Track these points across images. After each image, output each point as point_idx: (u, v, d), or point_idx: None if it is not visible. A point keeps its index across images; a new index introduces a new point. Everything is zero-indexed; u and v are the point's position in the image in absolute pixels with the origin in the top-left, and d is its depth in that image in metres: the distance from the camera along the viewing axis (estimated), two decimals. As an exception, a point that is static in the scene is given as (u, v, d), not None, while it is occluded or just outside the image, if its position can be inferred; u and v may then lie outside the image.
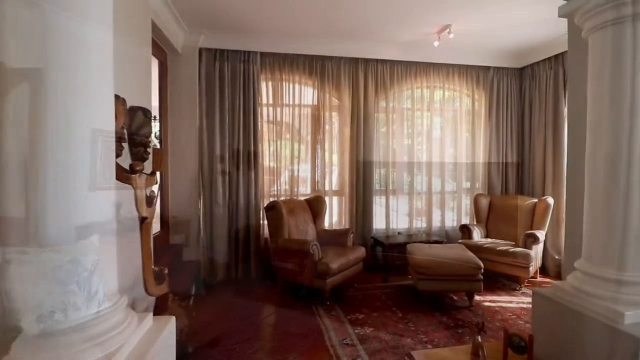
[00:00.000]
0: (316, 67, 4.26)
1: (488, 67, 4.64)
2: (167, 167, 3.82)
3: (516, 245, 3.74)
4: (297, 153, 4.29)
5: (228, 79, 3.98)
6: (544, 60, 4.29)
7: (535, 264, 3.62)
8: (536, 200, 4.08)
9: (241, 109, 4.00)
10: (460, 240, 4.03)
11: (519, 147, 4.72)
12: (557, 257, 4.07)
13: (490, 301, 3.29)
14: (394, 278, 3.98)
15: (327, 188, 4.39)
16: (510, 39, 4.09)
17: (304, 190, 4.51)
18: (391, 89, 4.47)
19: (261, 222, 4.12)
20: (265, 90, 4.19)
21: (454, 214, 4.75)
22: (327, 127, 4.37)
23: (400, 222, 4.58)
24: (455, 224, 4.73)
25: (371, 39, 4.11)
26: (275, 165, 4.21)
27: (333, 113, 4.44)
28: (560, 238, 4.05)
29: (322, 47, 4.16)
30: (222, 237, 3.94)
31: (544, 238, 3.84)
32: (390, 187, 4.53)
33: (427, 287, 3.15)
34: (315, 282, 3.17)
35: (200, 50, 3.91)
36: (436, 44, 3.89)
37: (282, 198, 4.20)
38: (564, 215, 4.10)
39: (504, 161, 4.67)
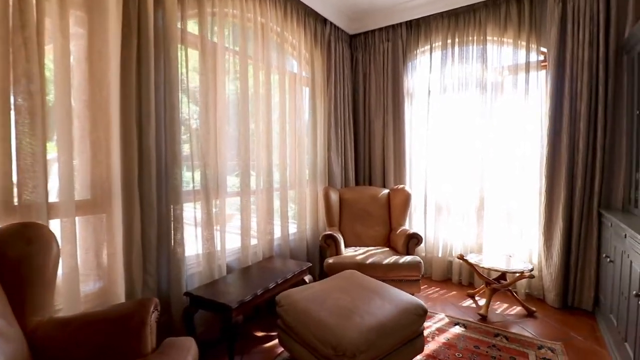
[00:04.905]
0: None
1: (325, 21, 3.54)
2: None
3: (392, 252, 2.89)
4: None
5: None
6: (380, 29, 3.72)
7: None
8: (388, 190, 3.45)
9: None
10: (331, 260, 2.68)
11: (356, 129, 3.99)
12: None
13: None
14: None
15: (56, 199, 1.67)
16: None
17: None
18: (209, 1, 2.36)
19: None
20: None
21: (296, 217, 3.36)
22: (48, 43, 1.62)
23: (227, 242, 2.60)
24: (296, 231, 3.35)
25: None
26: None
27: (76, 13, 1.72)
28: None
29: None
30: None
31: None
32: (212, 186, 2.45)
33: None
34: None
35: None
36: None
37: None
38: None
39: (343, 145, 3.79)
